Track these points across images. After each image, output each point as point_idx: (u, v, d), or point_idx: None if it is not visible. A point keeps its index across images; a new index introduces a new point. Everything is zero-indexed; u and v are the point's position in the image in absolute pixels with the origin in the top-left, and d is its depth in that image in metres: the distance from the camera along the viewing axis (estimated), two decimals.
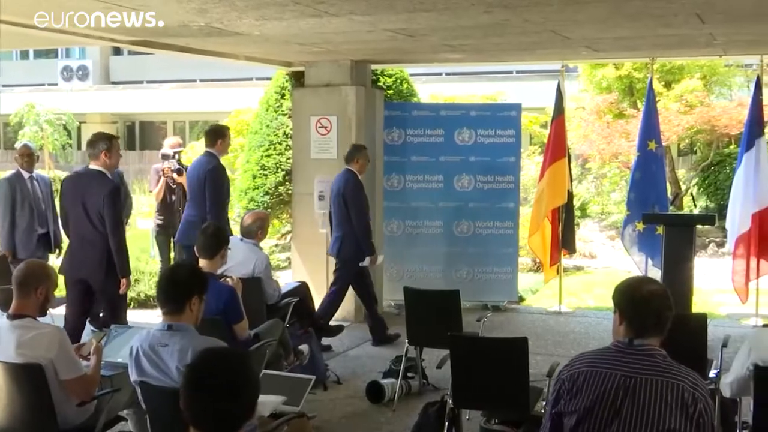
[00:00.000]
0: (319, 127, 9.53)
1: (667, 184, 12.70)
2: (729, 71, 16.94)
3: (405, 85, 11.81)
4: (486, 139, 10.01)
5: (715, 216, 10.03)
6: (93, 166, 6.71)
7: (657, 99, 12.29)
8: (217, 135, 8.17)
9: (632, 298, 3.26)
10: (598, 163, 16.94)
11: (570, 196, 10.09)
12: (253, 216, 7.32)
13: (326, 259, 9.19)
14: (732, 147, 16.13)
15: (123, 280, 6.71)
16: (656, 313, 3.22)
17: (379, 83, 11.07)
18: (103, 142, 6.73)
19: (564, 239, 10.06)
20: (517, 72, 23.44)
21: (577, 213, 15.00)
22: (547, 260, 10.04)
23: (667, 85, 16.53)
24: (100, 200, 6.58)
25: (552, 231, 9.95)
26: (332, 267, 8.90)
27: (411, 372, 6.98)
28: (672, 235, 8.28)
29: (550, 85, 11.17)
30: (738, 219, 9.22)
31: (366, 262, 8.43)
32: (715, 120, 15.41)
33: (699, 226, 10.59)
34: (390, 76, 11.57)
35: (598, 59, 13.30)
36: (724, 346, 5.78)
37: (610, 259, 14.27)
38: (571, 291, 11.23)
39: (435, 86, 19.17)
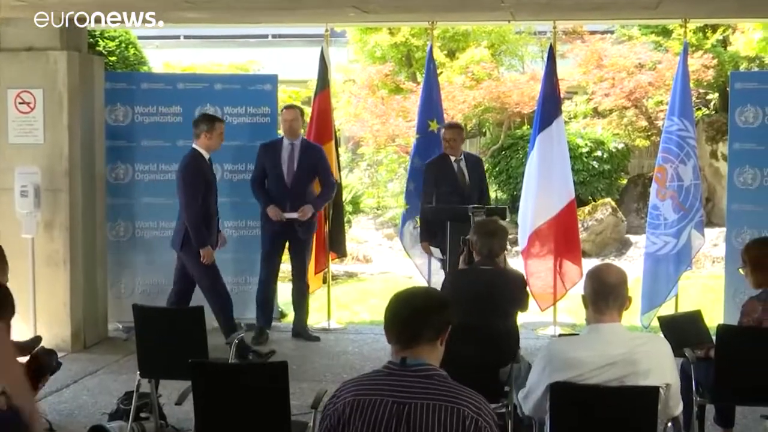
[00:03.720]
0: (20, 103, 9.17)
1: None
2: (520, 39, 17.94)
3: (132, 51, 11.62)
4: (235, 119, 9.99)
5: (507, 209, 10.50)
6: (193, 145, 8.57)
7: (439, 71, 12.77)
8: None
9: (389, 310, 3.41)
10: (373, 147, 17.39)
11: (339, 188, 10.25)
12: None
13: (32, 273, 8.86)
14: (525, 128, 17.02)
15: (201, 252, 8.42)
16: (413, 325, 3.35)
17: (98, 48, 10.80)
18: (205, 123, 8.54)
19: (332, 240, 10.22)
20: (273, 36, 23.60)
21: (348, 208, 15.35)
22: (311, 267, 10.14)
23: (451, 55, 17.25)
24: (178, 177, 8.53)
25: (317, 230, 10.06)
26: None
27: (145, 411, 6.87)
28: (457, 231, 8.55)
29: (313, 53, 11.32)
30: (532, 212, 9.65)
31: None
32: (506, 96, 16.23)
33: None
34: (113, 39, 11.34)
35: (369, 22, 13.63)
36: (516, 361, 6.07)
37: (388, 263, 14.70)
38: (341, 303, 11.46)
39: (171, 53, 18.98)
